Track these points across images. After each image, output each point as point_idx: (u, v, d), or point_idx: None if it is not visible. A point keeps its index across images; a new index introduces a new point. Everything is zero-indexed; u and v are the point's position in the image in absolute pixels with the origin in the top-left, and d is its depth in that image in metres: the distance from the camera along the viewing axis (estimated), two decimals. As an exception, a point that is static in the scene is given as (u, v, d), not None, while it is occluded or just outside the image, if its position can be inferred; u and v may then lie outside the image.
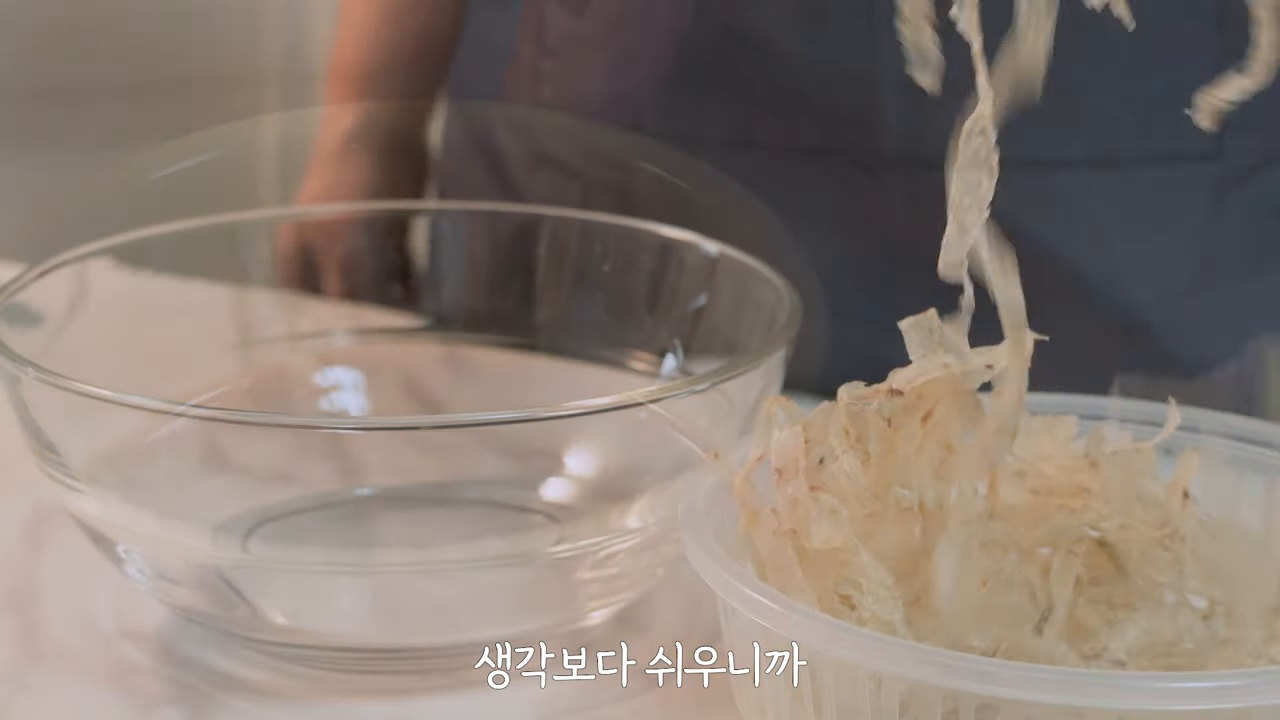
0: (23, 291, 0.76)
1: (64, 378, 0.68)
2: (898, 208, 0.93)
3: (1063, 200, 0.91)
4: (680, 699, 0.69)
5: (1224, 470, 0.70)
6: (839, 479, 0.62)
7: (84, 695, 0.69)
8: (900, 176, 0.92)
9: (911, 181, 0.92)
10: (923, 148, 0.92)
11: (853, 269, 0.95)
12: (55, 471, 0.71)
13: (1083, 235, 0.91)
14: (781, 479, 0.62)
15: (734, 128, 0.95)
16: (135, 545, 0.70)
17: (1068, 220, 0.91)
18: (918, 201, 0.92)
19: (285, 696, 0.69)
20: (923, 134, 0.91)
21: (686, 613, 0.75)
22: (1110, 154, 0.90)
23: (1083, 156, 0.90)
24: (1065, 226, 0.91)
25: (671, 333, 0.82)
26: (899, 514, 0.62)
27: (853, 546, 0.60)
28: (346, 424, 0.70)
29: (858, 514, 0.61)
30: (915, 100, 0.90)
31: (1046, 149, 0.90)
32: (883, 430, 0.63)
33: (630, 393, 0.68)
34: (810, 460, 0.62)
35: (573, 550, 0.70)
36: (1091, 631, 0.61)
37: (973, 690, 0.56)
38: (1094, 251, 0.91)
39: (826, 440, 0.62)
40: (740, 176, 0.96)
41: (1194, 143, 0.89)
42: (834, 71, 0.92)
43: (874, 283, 0.95)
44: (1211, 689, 0.55)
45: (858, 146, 0.92)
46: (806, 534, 0.61)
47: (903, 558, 0.61)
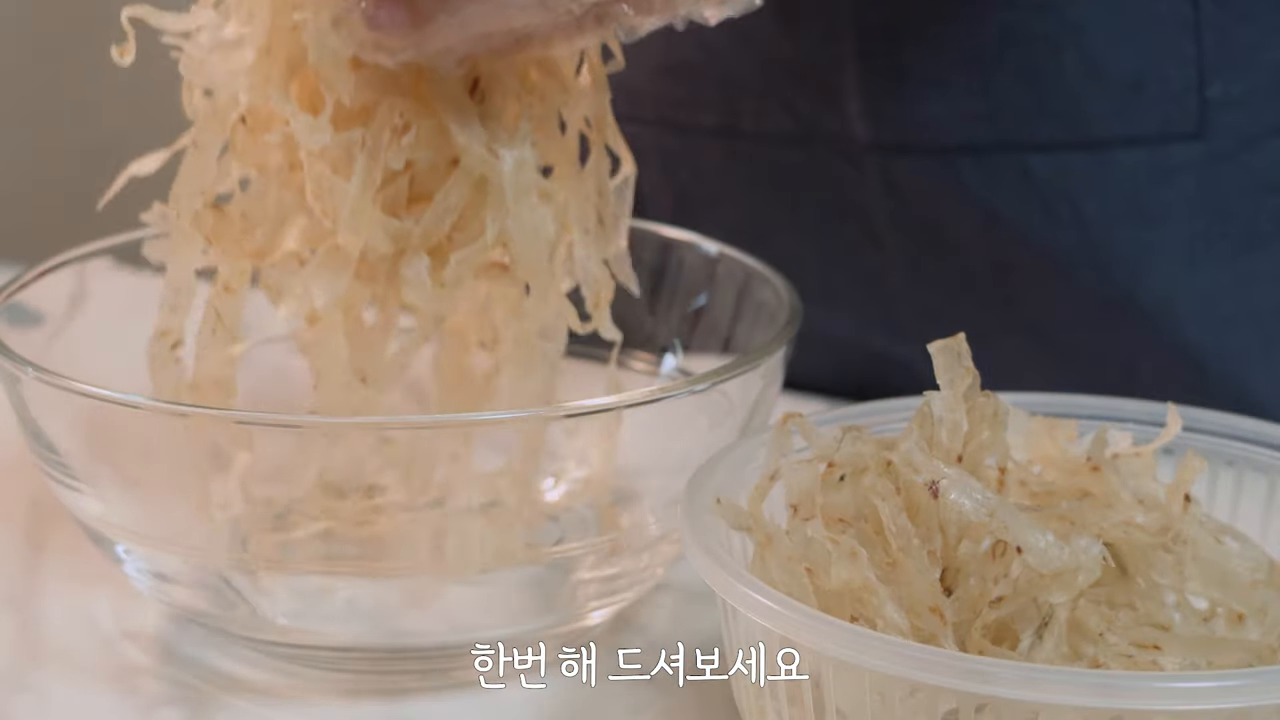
0: (23, 291, 0.76)
1: (64, 378, 0.68)
2: (876, 194, 0.92)
3: (1041, 184, 0.90)
4: (680, 699, 0.69)
5: (1224, 470, 0.70)
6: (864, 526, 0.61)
7: (84, 695, 0.69)
8: (876, 164, 0.92)
9: (887, 169, 0.91)
10: (892, 134, 0.91)
11: (837, 256, 0.95)
12: (55, 471, 0.71)
13: (1063, 219, 0.90)
14: (798, 514, 0.62)
15: (722, 116, 0.95)
16: (135, 545, 0.70)
17: (1045, 204, 0.90)
18: (896, 187, 0.92)
19: (285, 696, 0.69)
20: (891, 121, 0.91)
21: (686, 613, 0.75)
22: (1085, 136, 0.90)
23: (1058, 139, 0.90)
24: (1044, 210, 0.90)
25: (671, 333, 0.82)
26: (920, 566, 0.61)
27: (872, 588, 0.60)
28: (347, 424, 0.70)
29: (879, 558, 0.61)
30: (881, 88, 0.90)
31: (1018, 131, 0.90)
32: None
33: (630, 393, 0.68)
34: (827, 492, 0.62)
35: (573, 550, 0.70)
36: (1092, 632, 0.61)
37: (973, 690, 0.56)
38: (1076, 235, 0.90)
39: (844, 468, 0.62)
40: (728, 164, 0.96)
41: (1176, 124, 0.89)
42: (804, 61, 0.92)
43: (858, 270, 0.95)
44: (1211, 689, 0.55)
45: (833, 134, 0.92)
46: (823, 573, 0.60)
47: (923, 600, 0.61)
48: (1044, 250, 0.91)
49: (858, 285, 0.95)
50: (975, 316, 0.92)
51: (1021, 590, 0.59)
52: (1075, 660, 0.60)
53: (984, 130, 0.90)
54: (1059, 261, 0.91)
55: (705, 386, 0.69)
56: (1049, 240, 0.91)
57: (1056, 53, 0.89)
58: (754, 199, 0.96)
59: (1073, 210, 0.90)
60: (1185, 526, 0.65)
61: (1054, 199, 0.90)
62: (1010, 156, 0.90)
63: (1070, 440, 0.68)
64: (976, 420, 0.63)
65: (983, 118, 0.90)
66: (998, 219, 0.91)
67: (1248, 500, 0.70)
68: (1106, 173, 0.90)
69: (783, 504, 0.63)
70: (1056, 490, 0.67)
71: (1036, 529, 0.59)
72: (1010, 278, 0.92)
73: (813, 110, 0.93)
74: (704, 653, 0.71)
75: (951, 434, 0.62)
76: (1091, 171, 0.90)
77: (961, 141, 0.90)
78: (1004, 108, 0.90)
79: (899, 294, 0.94)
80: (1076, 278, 0.91)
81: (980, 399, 0.63)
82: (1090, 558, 0.59)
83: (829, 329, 0.96)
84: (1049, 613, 0.59)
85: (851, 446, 0.62)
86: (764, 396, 0.72)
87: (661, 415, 0.69)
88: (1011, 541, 0.59)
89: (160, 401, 0.69)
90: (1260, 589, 0.64)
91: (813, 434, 0.64)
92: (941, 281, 0.93)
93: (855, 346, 0.96)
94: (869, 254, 0.94)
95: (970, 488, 0.60)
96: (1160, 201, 0.90)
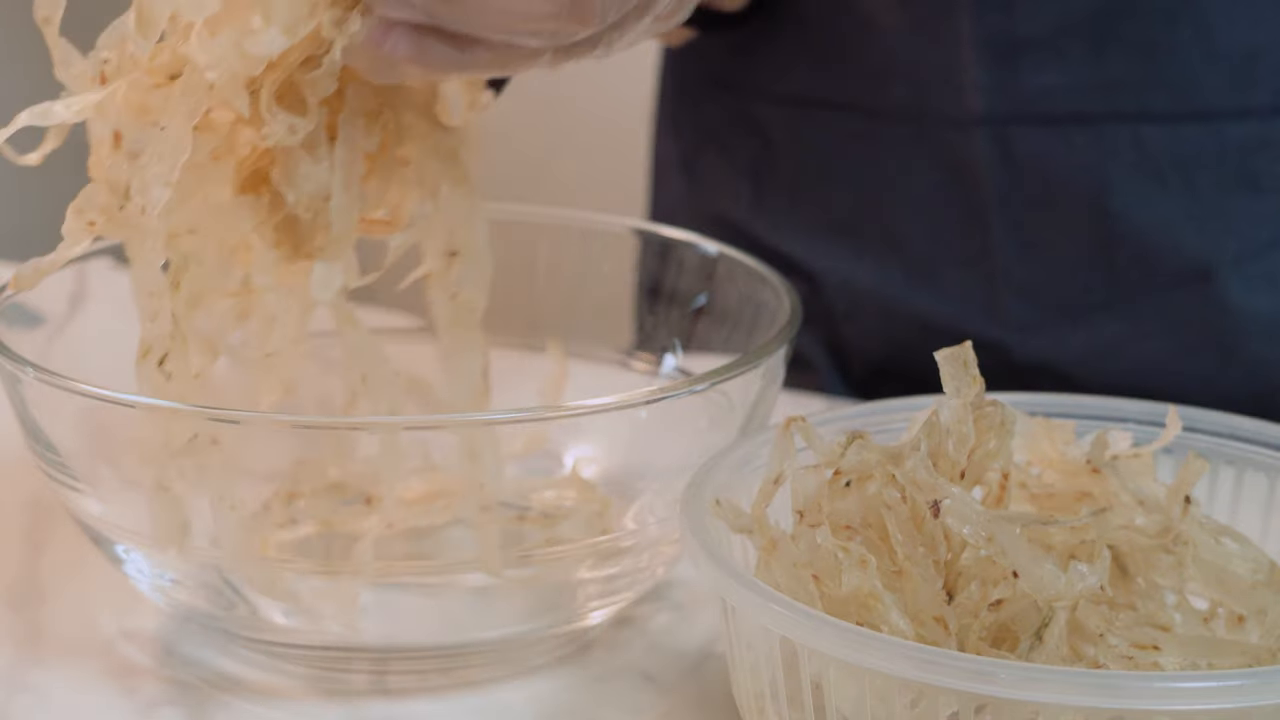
0: (23, 291, 0.76)
1: (64, 378, 0.68)
2: (988, 166, 0.92)
3: (1153, 154, 0.90)
4: (680, 699, 0.69)
5: (1224, 470, 0.70)
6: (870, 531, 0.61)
7: (84, 695, 0.69)
8: (989, 135, 0.92)
9: (1001, 141, 0.92)
10: (1006, 105, 0.91)
11: (944, 235, 0.95)
12: (55, 471, 0.71)
13: (1174, 189, 0.91)
14: (804, 521, 0.62)
15: (839, 94, 0.95)
16: (135, 545, 0.70)
17: (1158, 174, 0.90)
18: (1009, 159, 0.92)
19: (285, 696, 0.69)
20: (1005, 92, 0.91)
21: (686, 613, 0.75)
22: (1198, 108, 0.90)
23: (1167, 110, 0.90)
24: (1156, 181, 0.91)
25: (671, 333, 0.82)
26: (925, 574, 0.61)
27: (878, 595, 0.60)
28: (347, 424, 0.70)
29: (884, 566, 0.61)
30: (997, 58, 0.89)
31: (1132, 102, 0.90)
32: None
33: (630, 393, 0.68)
34: (834, 500, 0.62)
35: (573, 550, 0.70)
36: (1092, 633, 0.61)
37: (973, 690, 0.56)
38: (1187, 205, 0.91)
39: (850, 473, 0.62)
40: (840, 141, 0.96)
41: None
42: (919, 33, 0.92)
43: (963, 250, 0.95)
44: (1211, 689, 0.55)
45: (947, 106, 0.92)
46: (830, 580, 0.60)
47: (927, 608, 0.61)
48: (1152, 223, 0.91)
49: (962, 266, 0.95)
50: (1077, 297, 0.92)
51: (1022, 592, 0.60)
52: (1075, 661, 0.60)
53: (1097, 101, 0.91)
54: (1166, 233, 0.91)
55: (705, 386, 0.69)
56: (1158, 212, 0.91)
57: (1171, 24, 0.89)
58: (864, 176, 0.97)
59: (1184, 181, 0.90)
60: (1186, 528, 0.65)
61: (1166, 170, 0.90)
62: (1123, 127, 0.91)
63: (1068, 442, 0.68)
64: (984, 429, 0.63)
65: (1096, 88, 0.90)
66: (1108, 190, 0.91)
67: (1248, 500, 0.70)
68: (1218, 144, 0.90)
69: (783, 507, 0.63)
70: (1057, 493, 0.67)
71: (1035, 555, 0.59)
72: (1114, 254, 0.92)
73: (926, 83, 0.93)
74: (704, 653, 0.72)
75: (958, 446, 0.62)
76: (1203, 142, 0.90)
77: (1075, 111, 0.91)
78: (1118, 79, 0.90)
79: (1003, 274, 0.94)
80: (1182, 249, 0.91)
81: (988, 407, 0.63)
82: (1087, 586, 0.59)
83: (930, 313, 0.96)
84: (1049, 614, 0.59)
85: (858, 455, 0.62)
86: (764, 396, 0.72)
87: (661, 415, 0.69)
88: (1008, 566, 0.59)
89: (160, 402, 0.69)
90: (1260, 590, 0.64)
91: (816, 439, 0.64)
92: (1046, 260, 0.93)
93: (954, 331, 0.96)
94: (975, 233, 0.94)
95: (970, 511, 0.60)
96: (1269, 173, 0.90)
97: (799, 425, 0.64)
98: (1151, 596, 0.64)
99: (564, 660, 0.71)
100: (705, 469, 0.66)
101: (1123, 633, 0.61)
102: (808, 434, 0.64)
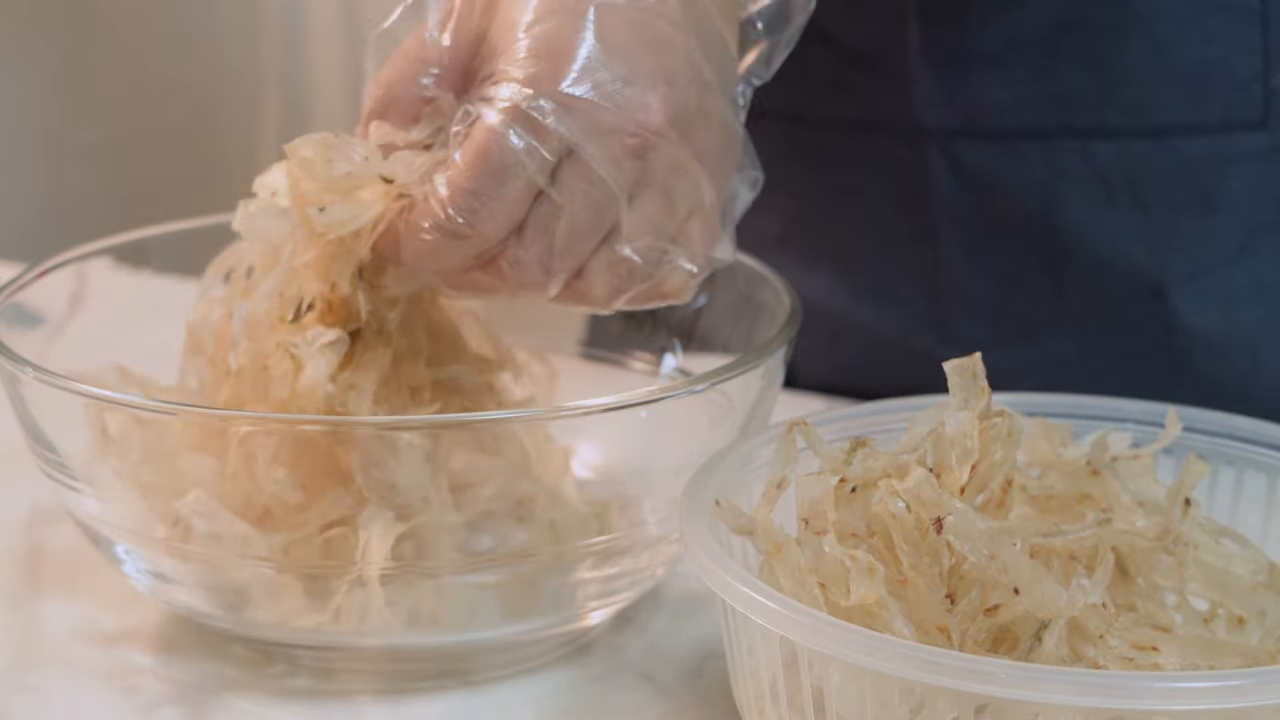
0: (23, 291, 0.76)
1: (64, 378, 0.68)
2: (938, 180, 0.92)
3: (1104, 169, 0.90)
4: (680, 699, 0.69)
5: (1224, 470, 0.70)
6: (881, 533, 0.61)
7: (84, 695, 0.69)
8: (939, 148, 0.92)
9: (951, 154, 0.91)
10: (956, 119, 0.91)
11: (892, 249, 0.95)
12: (55, 471, 0.71)
13: (1124, 205, 0.90)
14: (809, 528, 0.62)
15: (784, 102, 0.95)
16: (135, 545, 0.70)
17: (1108, 190, 0.90)
18: (960, 173, 0.92)
19: (285, 696, 0.69)
20: (955, 106, 0.91)
21: (686, 613, 0.75)
22: (1150, 124, 0.90)
23: (1119, 126, 0.90)
24: (1106, 196, 0.90)
25: (671, 333, 0.82)
26: (930, 583, 0.61)
27: (884, 602, 0.60)
28: (347, 423, 0.70)
29: (890, 574, 0.61)
30: (947, 71, 0.89)
31: (1083, 117, 0.90)
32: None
33: (630, 393, 0.68)
34: (839, 507, 0.62)
35: (573, 550, 0.70)
36: (1092, 634, 0.61)
37: (973, 690, 0.56)
38: (1137, 222, 0.90)
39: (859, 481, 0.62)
40: (789, 152, 0.96)
41: (1241, 112, 0.89)
42: (869, 46, 0.92)
43: (912, 264, 0.94)
44: (1211, 689, 0.55)
45: (897, 119, 0.92)
46: (836, 588, 0.60)
47: (930, 617, 0.60)
48: (1103, 239, 0.91)
49: (911, 280, 0.95)
50: (1026, 313, 0.92)
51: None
52: (1075, 662, 0.60)
53: (1049, 115, 0.90)
54: (1116, 249, 0.91)
55: (705, 386, 0.69)
56: (1108, 227, 0.91)
57: (1123, 40, 0.89)
58: (813, 188, 0.96)
59: (1135, 197, 0.90)
60: (1186, 529, 0.65)
61: (1117, 186, 0.90)
62: (1075, 142, 0.90)
63: (1065, 443, 0.68)
64: (990, 440, 0.63)
65: (1048, 103, 0.90)
66: (1059, 206, 0.91)
67: (1248, 500, 0.70)
68: (1169, 160, 0.90)
69: (784, 508, 0.63)
70: (1057, 495, 0.67)
71: (1037, 571, 0.59)
72: (1064, 270, 0.92)
73: (877, 95, 0.93)
74: (704, 653, 0.72)
75: (962, 459, 0.62)
76: (1155, 159, 0.90)
77: (1026, 126, 0.91)
78: (1069, 94, 0.90)
79: (952, 289, 0.94)
80: (1132, 266, 0.91)
81: (996, 419, 0.63)
82: (1088, 605, 0.59)
83: (877, 328, 0.95)
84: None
85: (863, 463, 0.62)
86: (764, 396, 0.72)
87: (661, 415, 0.69)
88: (1009, 584, 0.59)
89: (160, 401, 0.69)
90: (1261, 592, 0.64)
91: (818, 443, 0.64)
92: (995, 275, 0.93)
93: (901, 347, 0.96)
94: (925, 248, 0.94)
95: (972, 529, 0.60)
96: (1221, 190, 0.90)
97: (801, 429, 0.64)
98: (1152, 597, 0.64)
99: (564, 660, 0.71)
100: (705, 469, 0.66)
101: (1123, 633, 0.61)
102: (810, 437, 0.64)
